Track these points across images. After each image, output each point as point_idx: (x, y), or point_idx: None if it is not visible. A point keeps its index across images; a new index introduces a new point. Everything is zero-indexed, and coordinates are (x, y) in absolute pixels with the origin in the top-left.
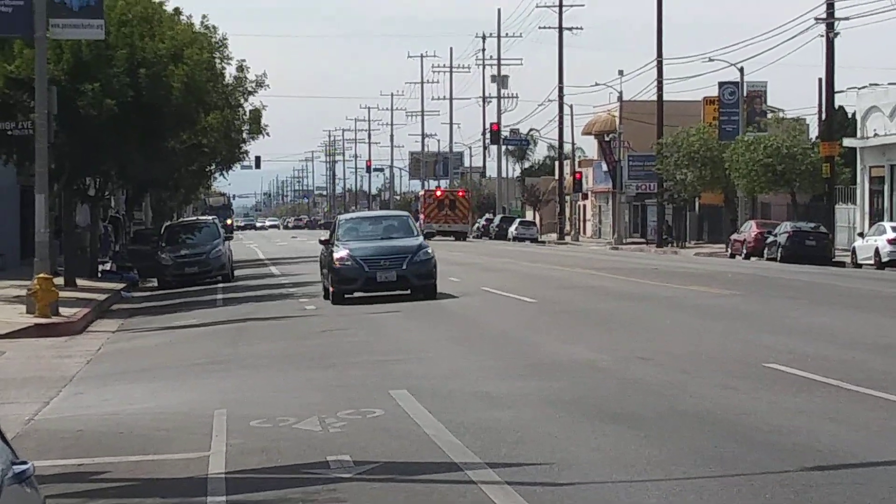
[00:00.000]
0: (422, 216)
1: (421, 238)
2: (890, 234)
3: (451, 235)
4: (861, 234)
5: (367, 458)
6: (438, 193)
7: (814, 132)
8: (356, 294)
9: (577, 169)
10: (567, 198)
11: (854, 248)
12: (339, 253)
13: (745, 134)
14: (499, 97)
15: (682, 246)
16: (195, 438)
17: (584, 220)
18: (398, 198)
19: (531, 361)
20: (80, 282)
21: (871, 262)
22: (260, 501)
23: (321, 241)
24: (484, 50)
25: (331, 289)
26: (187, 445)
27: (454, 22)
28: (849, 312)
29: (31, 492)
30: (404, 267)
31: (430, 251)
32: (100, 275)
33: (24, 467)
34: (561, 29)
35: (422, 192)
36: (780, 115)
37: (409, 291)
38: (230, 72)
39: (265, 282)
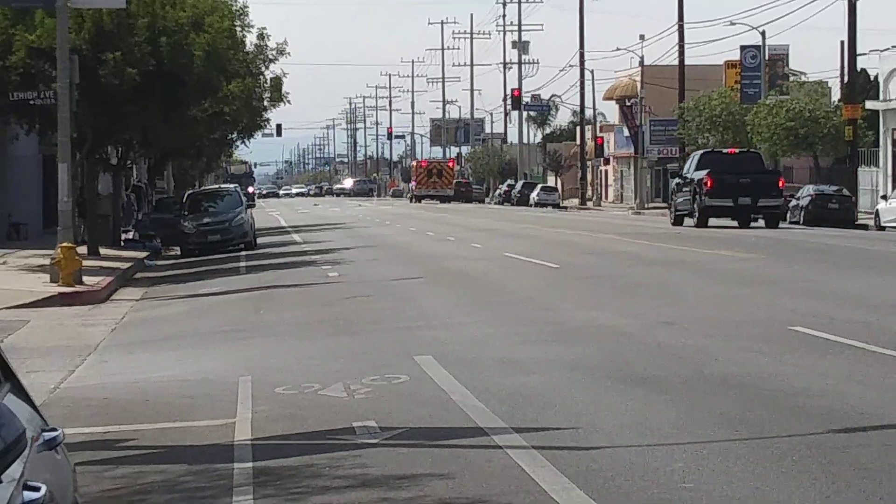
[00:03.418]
0: (413, 183)
1: None
2: None
3: (437, 199)
4: (884, 197)
5: (393, 423)
6: (424, 164)
7: (836, 95)
8: (378, 261)
9: (599, 134)
10: (589, 163)
11: (877, 210)
12: None
13: (767, 97)
14: (520, 63)
15: None
16: (221, 405)
17: (606, 186)
18: None
19: (555, 327)
20: (103, 251)
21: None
22: (286, 468)
23: None
24: (505, 16)
25: None
26: (213, 412)
27: None
28: (873, 275)
29: (62, 458)
30: None
31: None
32: (123, 243)
33: (54, 434)
34: None
35: (413, 163)
36: (802, 78)
37: None
38: (251, 40)
39: (288, 249)
